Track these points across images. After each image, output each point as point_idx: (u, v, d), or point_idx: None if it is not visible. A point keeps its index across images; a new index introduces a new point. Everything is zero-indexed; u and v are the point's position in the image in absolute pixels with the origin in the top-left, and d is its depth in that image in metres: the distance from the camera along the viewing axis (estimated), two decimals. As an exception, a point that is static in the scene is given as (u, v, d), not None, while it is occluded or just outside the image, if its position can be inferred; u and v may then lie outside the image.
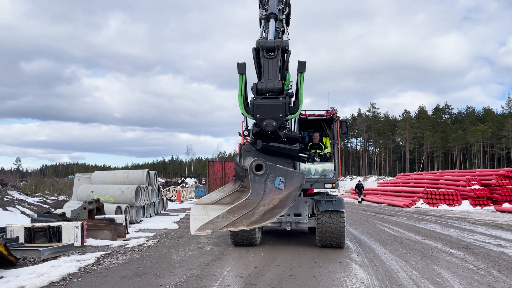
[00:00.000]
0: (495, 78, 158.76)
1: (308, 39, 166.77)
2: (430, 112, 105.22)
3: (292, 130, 10.14)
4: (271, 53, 6.10)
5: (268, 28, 7.60)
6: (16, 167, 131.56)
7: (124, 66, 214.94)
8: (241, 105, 6.11)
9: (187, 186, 48.92)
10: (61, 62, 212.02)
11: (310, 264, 8.08)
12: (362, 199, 34.13)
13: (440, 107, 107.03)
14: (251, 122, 6.16)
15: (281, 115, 5.63)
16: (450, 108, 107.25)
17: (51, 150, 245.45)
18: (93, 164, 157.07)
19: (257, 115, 5.68)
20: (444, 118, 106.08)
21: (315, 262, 8.21)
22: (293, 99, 6.40)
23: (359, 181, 40.31)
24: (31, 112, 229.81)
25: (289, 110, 6.00)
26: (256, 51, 6.33)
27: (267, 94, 5.85)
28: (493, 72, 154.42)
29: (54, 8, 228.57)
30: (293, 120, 10.36)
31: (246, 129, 6.35)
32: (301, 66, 6.34)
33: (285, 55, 6.42)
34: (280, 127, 5.79)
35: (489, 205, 24.14)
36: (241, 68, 6.35)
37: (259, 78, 6.21)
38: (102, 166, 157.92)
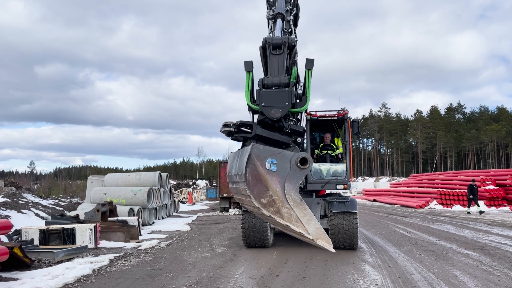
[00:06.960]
0: (511, 77, 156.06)
1: (321, 40, 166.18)
2: (442, 112, 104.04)
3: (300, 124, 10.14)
4: (278, 50, 6.11)
5: (275, 28, 7.61)
6: (30, 170, 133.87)
7: (137, 69, 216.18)
8: (248, 99, 6.16)
9: (198, 188, 49.10)
10: (75, 66, 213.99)
11: (323, 265, 8.03)
12: (480, 211, 21.29)
13: (453, 106, 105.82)
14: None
15: (286, 103, 5.59)
16: (463, 107, 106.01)
17: (65, 153, 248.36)
18: (106, 167, 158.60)
19: (263, 104, 5.64)
20: (457, 117, 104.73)
21: (328, 264, 8.15)
22: (300, 92, 6.40)
23: (473, 180, 22.73)
24: (45, 116, 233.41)
25: (297, 104, 5.98)
26: (263, 48, 6.35)
27: (273, 88, 5.86)
28: (509, 70, 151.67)
29: (68, 13, 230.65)
30: (304, 120, 10.33)
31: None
32: (309, 63, 6.35)
33: (292, 52, 6.41)
34: (286, 118, 5.74)
35: (504, 206, 23.72)
36: (248, 66, 6.40)
37: (266, 74, 6.22)
38: (114, 168, 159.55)
